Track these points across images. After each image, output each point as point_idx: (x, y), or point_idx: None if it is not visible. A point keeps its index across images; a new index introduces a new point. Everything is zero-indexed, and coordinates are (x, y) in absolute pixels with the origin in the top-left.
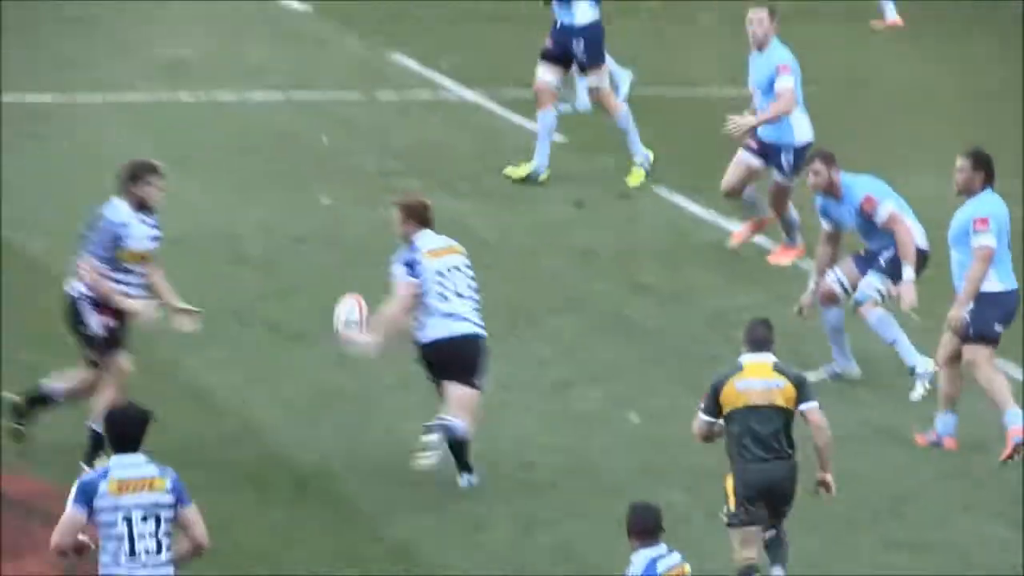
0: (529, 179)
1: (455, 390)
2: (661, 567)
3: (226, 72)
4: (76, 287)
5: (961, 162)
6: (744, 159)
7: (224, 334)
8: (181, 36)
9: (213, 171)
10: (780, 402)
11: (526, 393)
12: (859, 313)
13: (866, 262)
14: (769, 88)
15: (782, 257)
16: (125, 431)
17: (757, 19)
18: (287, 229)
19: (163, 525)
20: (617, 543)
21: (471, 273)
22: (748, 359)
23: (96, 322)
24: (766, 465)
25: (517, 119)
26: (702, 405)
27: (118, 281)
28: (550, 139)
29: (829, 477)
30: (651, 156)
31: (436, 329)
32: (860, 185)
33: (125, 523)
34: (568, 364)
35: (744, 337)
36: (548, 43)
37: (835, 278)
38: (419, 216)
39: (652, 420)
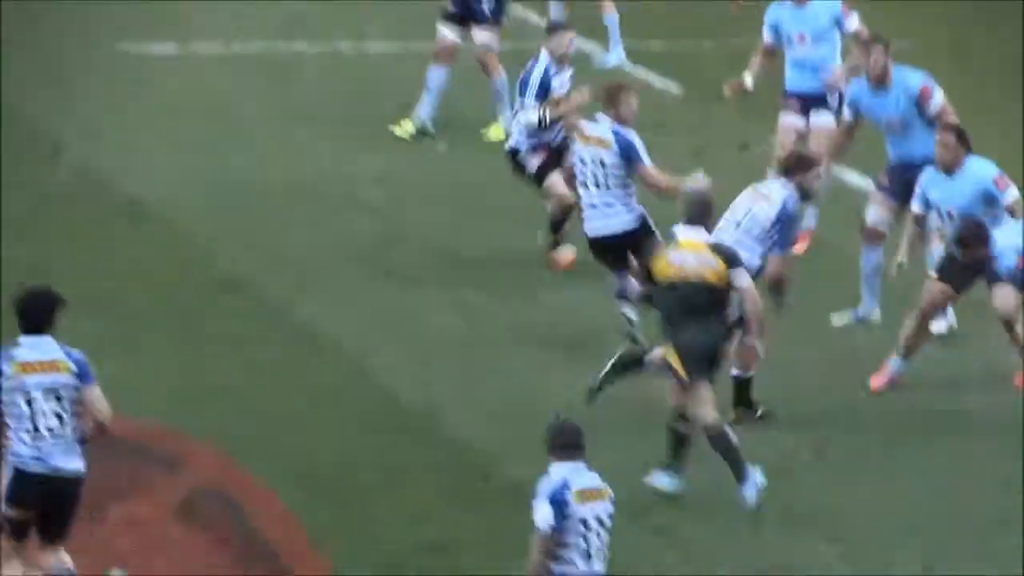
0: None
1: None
2: (575, 485)
3: (344, 22)
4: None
5: (944, 137)
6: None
7: (339, 279)
8: None
9: (332, 120)
10: (711, 279)
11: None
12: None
13: (895, 193)
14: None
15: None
16: (35, 313)
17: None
18: (404, 176)
19: (66, 404)
20: None
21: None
22: (682, 233)
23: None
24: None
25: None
26: None
27: None
28: (437, 96)
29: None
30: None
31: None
32: (917, 75)
33: (27, 403)
34: None
35: (685, 211)
36: (450, 5)
37: (880, 219)
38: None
39: None
